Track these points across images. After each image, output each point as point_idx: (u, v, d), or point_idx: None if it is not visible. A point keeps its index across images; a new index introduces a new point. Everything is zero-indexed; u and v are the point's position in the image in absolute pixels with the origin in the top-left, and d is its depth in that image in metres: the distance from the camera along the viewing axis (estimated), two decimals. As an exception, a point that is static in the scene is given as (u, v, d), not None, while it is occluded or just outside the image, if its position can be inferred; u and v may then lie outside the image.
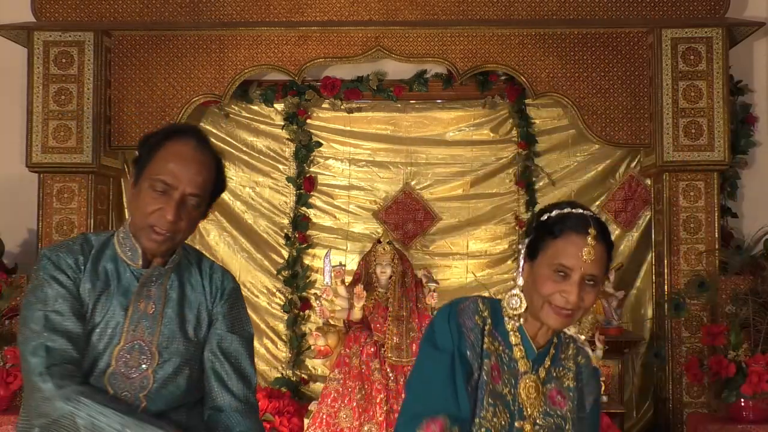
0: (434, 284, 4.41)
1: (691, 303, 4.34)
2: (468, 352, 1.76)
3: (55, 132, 4.47)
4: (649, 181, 4.79)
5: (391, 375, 4.23)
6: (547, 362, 1.82)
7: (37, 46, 4.49)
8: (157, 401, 1.88)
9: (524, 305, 1.79)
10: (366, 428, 4.13)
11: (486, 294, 1.96)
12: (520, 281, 1.80)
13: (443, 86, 4.90)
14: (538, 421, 1.76)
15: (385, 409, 4.14)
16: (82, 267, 1.92)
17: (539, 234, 1.77)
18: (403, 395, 4.16)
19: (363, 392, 4.19)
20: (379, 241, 4.48)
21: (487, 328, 1.80)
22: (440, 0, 4.54)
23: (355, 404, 4.16)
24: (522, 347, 1.80)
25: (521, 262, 1.81)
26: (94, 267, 1.93)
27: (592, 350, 2.01)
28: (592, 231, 1.72)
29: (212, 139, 5.14)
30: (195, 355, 1.96)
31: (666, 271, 4.45)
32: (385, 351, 4.24)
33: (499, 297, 1.87)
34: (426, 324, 4.33)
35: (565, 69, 4.56)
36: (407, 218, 4.97)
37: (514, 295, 1.80)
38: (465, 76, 4.61)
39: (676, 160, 4.42)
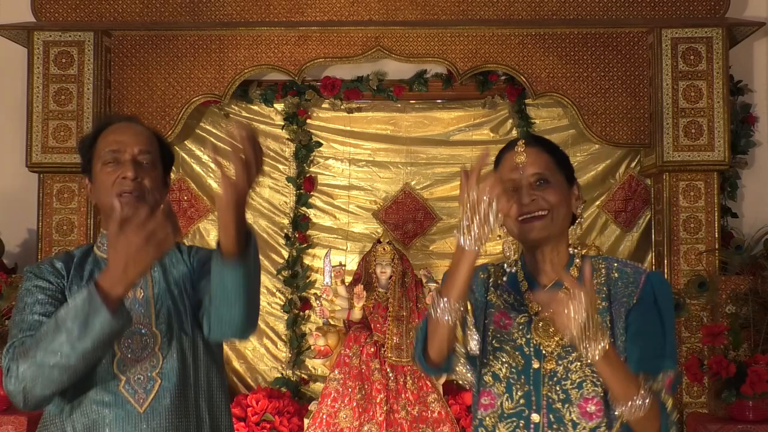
0: (434, 284, 4.41)
1: (691, 303, 4.34)
2: (470, 304, 1.87)
3: (55, 132, 4.47)
4: (649, 181, 4.79)
5: (391, 375, 4.23)
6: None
7: (37, 46, 4.49)
8: (170, 376, 1.93)
9: (514, 247, 1.85)
10: (366, 428, 4.13)
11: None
12: (503, 230, 1.88)
13: (443, 86, 4.90)
14: (561, 355, 1.75)
15: (385, 409, 4.14)
16: (65, 273, 1.98)
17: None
18: (402, 395, 4.18)
19: (363, 392, 4.19)
20: (379, 241, 4.49)
21: (492, 281, 1.89)
22: (440, 0, 4.54)
23: (355, 404, 4.16)
24: (531, 290, 1.84)
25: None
26: (78, 272, 2.00)
27: None
28: (520, 142, 1.85)
29: (212, 139, 5.16)
30: (194, 326, 2.00)
31: (666, 271, 4.45)
32: (385, 351, 4.24)
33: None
34: (426, 324, 4.33)
35: (565, 69, 4.56)
36: (407, 218, 4.97)
37: (504, 242, 1.86)
38: (465, 76, 4.61)
39: (676, 160, 4.42)
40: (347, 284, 4.47)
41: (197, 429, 1.95)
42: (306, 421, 4.34)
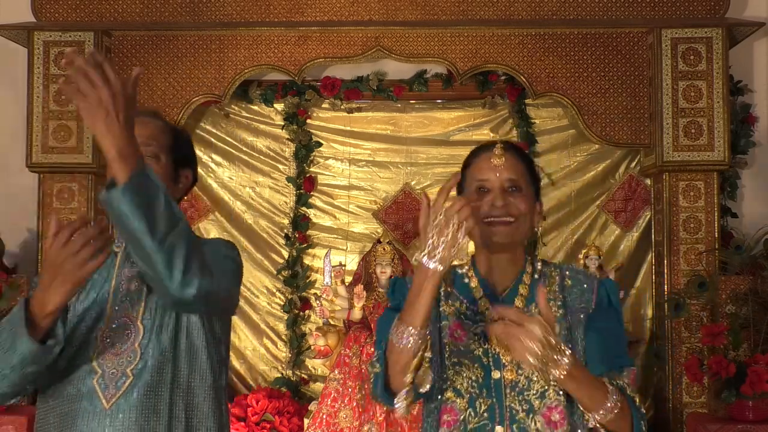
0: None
1: (691, 303, 4.33)
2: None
3: (55, 132, 4.47)
4: (649, 181, 4.79)
5: (391, 375, 4.23)
6: (518, 303, 1.79)
7: (37, 46, 4.48)
8: (143, 374, 1.88)
9: (467, 244, 1.79)
10: (366, 428, 4.13)
11: None
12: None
13: (443, 86, 4.89)
14: (521, 364, 1.69)
15: (385, 409, 4.14)
16: None
17: (461, 176, 1.85)
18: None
19: (363, 392, 4.19)
20: (379, 241, 4.49)
21: (443, 291, 1.83)
22: (440, 0, 4.54)
23: (355, 404, 4.17)
24: (486, 298, 1.81)
25: None
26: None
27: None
28: (498, 145, 1.82)
29: (212, 139, 5.17)
30: (183, 325, 1.95)
31: (666, 271, 4.45)
32: (385, 351, 4.24)
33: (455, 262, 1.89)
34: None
35: (565, 69, 4.56)
36: (407, 218, 4.97)
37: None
38: (465, 76, 4.61)
39: (675, 160, 4.42)
40: (347, 284, 4.47)
41: (168, 430, 1.89)
42: (306, 421, 4.34)
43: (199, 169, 5.01)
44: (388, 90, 4.89)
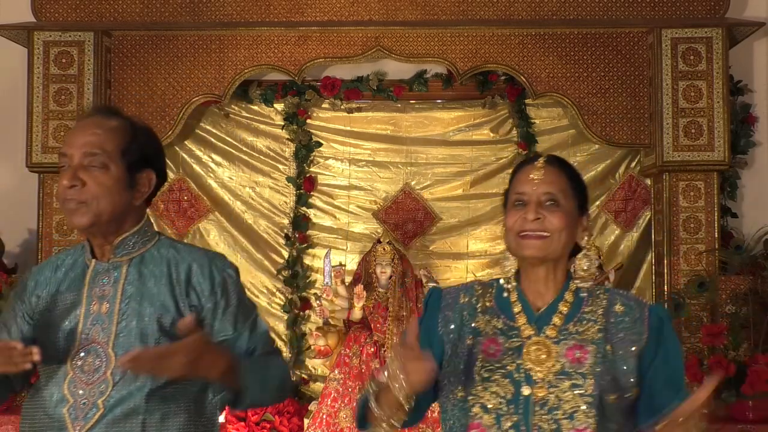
0: (434, 284, 4.41)
1: (691, 303, 4.33)
2: (440, 330, 1.84)
3: (55, 132, 4.47)
4: (649, 181, 4.79)
5: (391, 375, 4.23)
6: (556, 320, 1.78)
7: (37, 46, 4.48)
8: (114, 407, 1.78)
9: (515, 263, 1.84)
10: (366, 428, 4.13)
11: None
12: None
13: (443, 86, 4.89)
14: (552, 383, 1.70)
15: (385, 409, 4.14)
16: (47, 282, 1.91)
17: (506, 191, 1.86)
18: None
19: (363, 392, 4.19)
20: (379, 241, 4.49)
21: (480, 306, 1.82)
22: (440, 0, 4.54)
23: (355, 404, 4.17)
24: (524, 313, 1.80)
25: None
26: (66, 275, 1.91)
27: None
28: (540, 159, 1.81)
29: (212, 139, 5.15)
30: None
31: (666, 271, 4.45)
32: (385, 351, 4.25)
33: (496, 277, 1.89)
34: (426, 324, 4.33)
35: (565, 69, 4.56)
36: (407, 218, 4.97)
37: (508, 257, 1.85)
38: (465, 76, 4.61)
39: (676, 160, 4.42)
40: (347, 284, 4.47)
41: None
42: (306, 421, 4.34)
43: (199, 169, 5.08)
44: (388, 90, 4.88)
